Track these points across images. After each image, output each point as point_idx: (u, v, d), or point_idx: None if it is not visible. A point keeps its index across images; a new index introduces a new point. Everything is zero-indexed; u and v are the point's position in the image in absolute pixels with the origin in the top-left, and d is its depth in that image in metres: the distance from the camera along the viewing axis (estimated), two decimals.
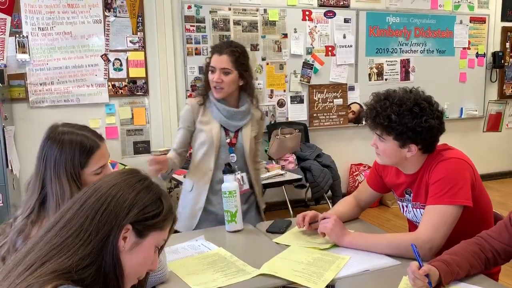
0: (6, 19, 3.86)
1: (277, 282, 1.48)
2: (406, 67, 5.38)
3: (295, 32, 4.83)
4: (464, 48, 5.64)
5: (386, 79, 5.28)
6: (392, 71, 5.31)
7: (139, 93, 4.34)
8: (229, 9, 4.56)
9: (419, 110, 1.61)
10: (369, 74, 5.22)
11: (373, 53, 5.20)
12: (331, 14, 4.97)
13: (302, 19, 4.86)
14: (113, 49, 4.21)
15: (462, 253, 1.44)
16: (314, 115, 5.03)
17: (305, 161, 4.53)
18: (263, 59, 4.74)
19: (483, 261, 1.47)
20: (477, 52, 5.74)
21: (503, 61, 5.80)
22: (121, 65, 4.25)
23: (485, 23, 5.73)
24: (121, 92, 4.28)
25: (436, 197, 1.60)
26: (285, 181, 3.76)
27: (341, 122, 5.16)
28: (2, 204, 3.43)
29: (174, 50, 4.38)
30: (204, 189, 2.22)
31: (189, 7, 4.42)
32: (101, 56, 4.19)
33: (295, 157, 4.55)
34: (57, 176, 1.35)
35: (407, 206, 1.82)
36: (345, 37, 5.04)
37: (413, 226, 1.84)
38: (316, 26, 4.92)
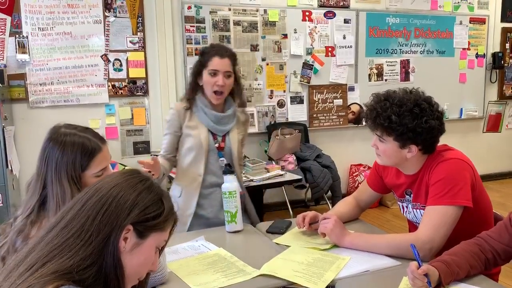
0: (6, 19, 3.86)
1: (277, 282, 1.48)
2: (406, 67, 5.38)
3: (295, 32, 4.83)
4: (464, 49, 5.64)
5: (386, 80, 5.28)
6: (392, 72, 5.31)
7: (139, 93, 4.34)
8: (229, 10, 4.56)
9: (419, 110, 1.62)
10: (369, 75, 5.22)
11: (373, 54, 5.20)
12: (331, 15, 4.97)
13: (302, 20, 4.86)
14: (113, 49, 4.21)
15: (462, 253, 1.45)
16: (314, 115, 5.03)
17: (305, 161, 4.52)
18: (263, 60, 4.74)
19: (483, 261, 1.47)
20: (477, 53, 5.74)
21: (502, 61, 5.80)
22: (121, 65, 4.25)
23: (485, 23, 5.73)
24: (121, 93, 4.28)
25: (436, 197, 1.60)
26: (285, 182, 3.76)
27: (341, 122, 5.16)
28: (2, 205, 3.43)
29: (174, 50, 4.38)
30: (194, 194, 2.18)
31: (189, 8, 4.42)
32: (101, 57, 4.18)
33: (295, 158, 4.55)
34: (58, 177, 1.35)
35: (407, 207, 1.83)
36: (345, 37, 5.04)
37: (413, 227, 1.84)
38: (316, 27, 4.92)
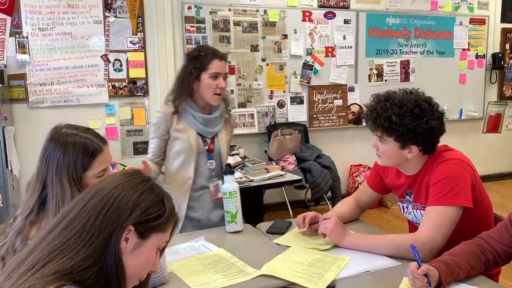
0: (6, 19, 3.85)
1: (277, 283, 1.48)
2: (406, 68, 5.38)
3: (295, 33, 4.83)
4: (464, 49, 5.64)
5: (386, 80, 5.28)
6: (392, 72, 5.31)
7: (139, 93, 4.34)
8: (229, 10, 4.56)
9: (419, 111, 1.62)
10: (369, 75, 5.22)
11: (373, 54, 5.20)
12: (331, 15, 4.97)
13: (302, 20, 4.86)
14: (113, 49, 4.21)
15: (462, 254, 1.45)
16: (314, 116, 5.03)
17: (305, 162, 4.52)
18: (263, 60, 4.74)
19: (483, 262, 1.47)
20: (476, 53, 5.74)
21: (502, 62, 5.80)
22: (121, 65, 4.25)
23: (484, 24, 5.73)
24: (121, 93, 4.28)
25: (437, 198, 1.61)
26: (285, 182, 3.76)
27: (341, 123, 5.16)
28: (2, 205, 3.43)
29: (174, 50, 4.38)
30: (184, 198, 2.18)
31: (189, 8, 4.42)
32: (101, 57, 4.18)
33: (295, 158, 4.55)
34: (58, 178, 1.35)
35: (407, 207, 1.83)
36: (345, 38, 5.04)
37: (413, 227, 1.84)
38: (316, 27, 4.92)
